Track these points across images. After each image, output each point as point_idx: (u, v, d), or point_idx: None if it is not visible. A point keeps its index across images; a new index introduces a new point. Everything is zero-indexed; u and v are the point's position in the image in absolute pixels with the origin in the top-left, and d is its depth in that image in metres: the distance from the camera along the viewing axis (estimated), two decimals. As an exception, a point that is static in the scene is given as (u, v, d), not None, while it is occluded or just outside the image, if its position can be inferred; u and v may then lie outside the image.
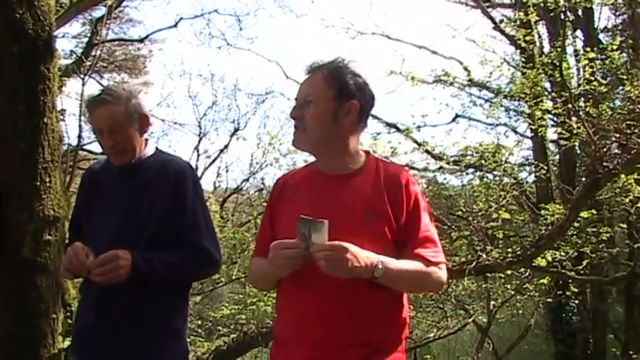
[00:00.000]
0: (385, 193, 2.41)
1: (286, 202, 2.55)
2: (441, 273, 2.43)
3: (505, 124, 14.62)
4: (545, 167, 11.47)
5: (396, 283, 2.35)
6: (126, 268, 2.68)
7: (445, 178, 13.04)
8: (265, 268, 2.43)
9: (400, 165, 2.92)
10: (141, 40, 16.36)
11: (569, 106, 8.10)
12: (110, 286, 2.69)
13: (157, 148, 3.07)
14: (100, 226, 2.87)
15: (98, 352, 2.81)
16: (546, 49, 12.54)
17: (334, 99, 2.42)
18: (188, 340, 3.16)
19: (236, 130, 15.81)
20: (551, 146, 13.20)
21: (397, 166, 2.66)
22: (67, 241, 3.25)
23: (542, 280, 9.60)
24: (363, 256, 2.22)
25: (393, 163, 2.78)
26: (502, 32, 13.90)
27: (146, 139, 3.02)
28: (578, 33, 13.45)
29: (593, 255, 9.15)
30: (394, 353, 2.41)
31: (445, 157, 11.66)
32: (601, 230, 8.82)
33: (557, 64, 8.31)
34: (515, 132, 14.63)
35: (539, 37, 12.65)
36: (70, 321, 4.31)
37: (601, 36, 13.39)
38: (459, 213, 9.74)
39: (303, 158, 11.30)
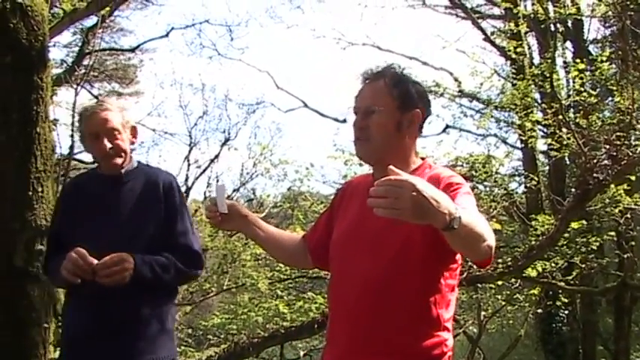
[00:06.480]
0: None
1: (344, 209, 2.53)
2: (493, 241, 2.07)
3: (495, 135, 14.71)
4: (536, 178, 11.52)
5: (468, 234, 1.92)
6: (130, 271, 2.75)
7: (436, 189, 13.03)
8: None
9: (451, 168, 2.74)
10: (132, 50, 16.33)
11: (559, 117, 8.13)
12: (105, 293, 2.73)
13: (138, 162, 3.15)
14: (94, 235, 2.87)
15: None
16: (536, 60, 12.61)
17: (398, 109, 2.36)
18: (178, 349, 3.20)
19: (227, 140, 15.73)
20: (541, 157, 13.27)
21: (445, 167, 2.57)
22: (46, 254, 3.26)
23: (532, 291, 9.62)
24: (443, 199, 1.83)
25: (444, 167, 2.63)
26: (492, 43, 13.97)
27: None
28: (568, 44, 13.57)
29: (583, 265, 9.18)
30: None
31: (436, 168, 11.65)
32: (590, 240, 8.85)
33: (548, 75, 8.36)
34: (506, 143, 14.72)
35: (530, 48, 12.72)
36: (61, 330, 4.30)
37: (591, 47, 13.51)
38: (450, 223, 9.72)
39: (293, 169, 11.39)
